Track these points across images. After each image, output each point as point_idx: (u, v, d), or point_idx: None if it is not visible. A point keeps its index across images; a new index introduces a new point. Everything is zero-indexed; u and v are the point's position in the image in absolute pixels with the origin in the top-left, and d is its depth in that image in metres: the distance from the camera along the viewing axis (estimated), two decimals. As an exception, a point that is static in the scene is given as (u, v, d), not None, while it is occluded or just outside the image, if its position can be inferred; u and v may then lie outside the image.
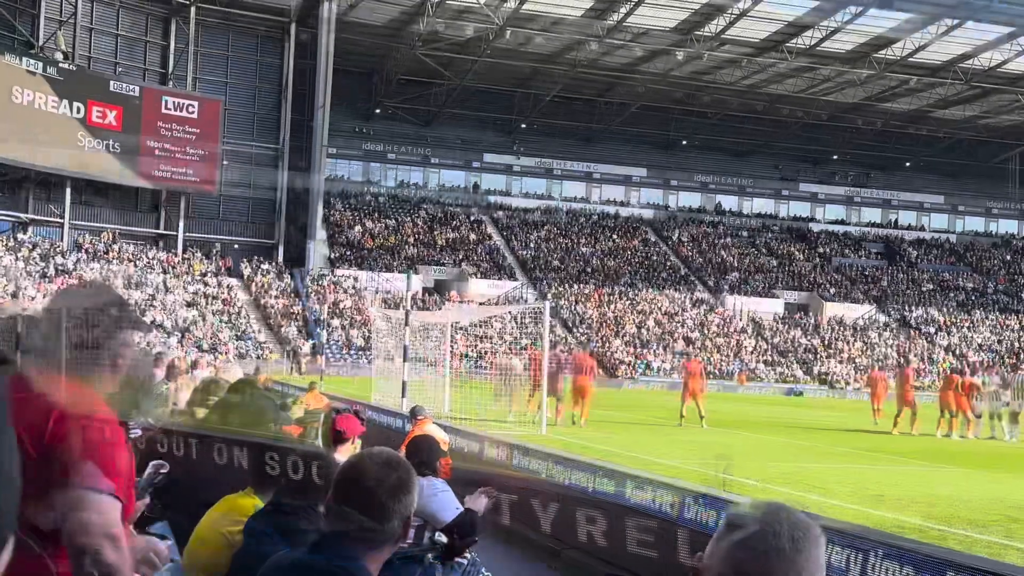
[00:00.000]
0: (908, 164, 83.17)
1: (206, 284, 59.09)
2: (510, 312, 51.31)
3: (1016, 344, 70.43)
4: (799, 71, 66.31)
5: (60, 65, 56.69)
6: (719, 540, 1.81)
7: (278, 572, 2.73)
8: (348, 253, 66.60)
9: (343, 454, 6.11)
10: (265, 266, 62.72)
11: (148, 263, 59.19)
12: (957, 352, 68.28)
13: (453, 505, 5.95)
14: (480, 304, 57.99)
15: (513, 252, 71.54)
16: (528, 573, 8.96)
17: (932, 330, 71.03)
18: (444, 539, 5.48)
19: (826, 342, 67.55)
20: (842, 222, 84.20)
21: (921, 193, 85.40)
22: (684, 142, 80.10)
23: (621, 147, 79.53)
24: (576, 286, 68.22)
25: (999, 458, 19.90)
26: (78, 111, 56.92)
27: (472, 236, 72.03)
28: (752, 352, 64.52)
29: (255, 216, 65.92)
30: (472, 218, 74.27)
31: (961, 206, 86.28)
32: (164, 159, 60.04)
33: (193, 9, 62.09)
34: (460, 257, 68.81)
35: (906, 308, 73.42)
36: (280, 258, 64.46)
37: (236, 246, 64.72)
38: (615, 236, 76.01)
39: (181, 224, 62.60)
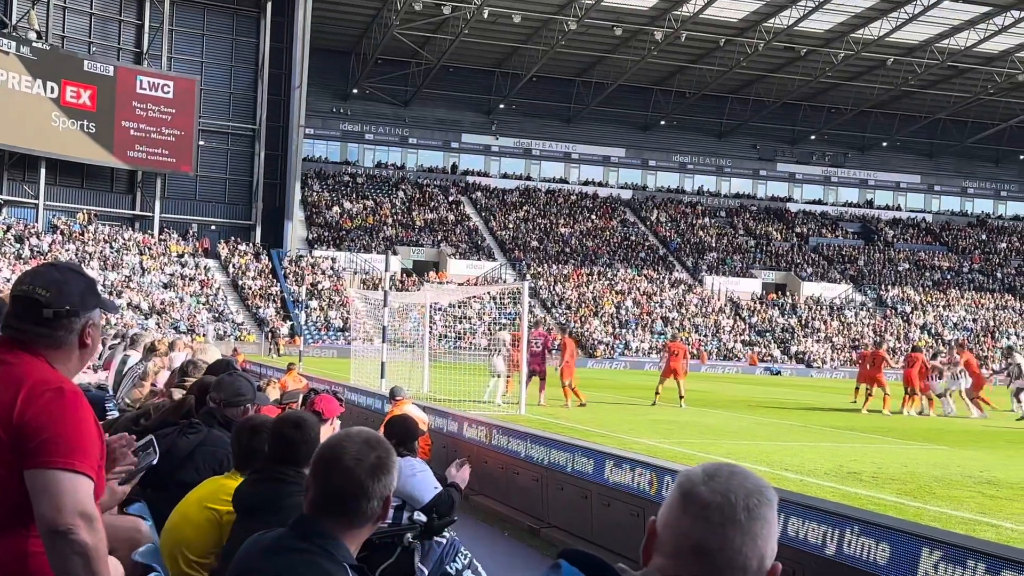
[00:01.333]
0: (885, 144, 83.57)
1: (183, 265, 58.79)
2: (489, 292, 51.37)
3: (991, 323, 71.06)
4: (776, 52, 66.38)
5: (33, 44, 56.07)
6: (673, 511, 1.79)
7: (256, 553, 2.72)
8: (326, 234, 66.39)
9: (322, 435, 6.09)
10: (242, 247, 62.44)
11: (124, 244, 58.80)
12: (932, 331, 68.85)
13: (432, 485, 5.95)
14: (459, 285, 57.98)
15: (492, 232, 71.49)
16: (506, 551, 8.99)
17: (908, 309, 71.55)
18: (423, 519, 5.48)
19: (803, 322, 67.94)
20: (819, 202, 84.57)
21: (897, 173, 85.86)
22: (662, 122, 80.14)
23: (599, 127, 79.49)
24: (555, 266, 68.28)
25: (973, 436, 20.09)
26: (52, 91, 56.36)
27: (451, 216, 71.91)
28: (730, 332, 64.82)
29: (232, 197, 65.55)
30: (451, 198, 74.13)
31: (937, 186, 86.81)
32: (139, 139, 59.57)
33: (168, -13, 61.54)
34: (439, 238, 68.72)
35: (882, 287, 73.91)
36: (257, 239, 64.17)
37: (213, 227, 64.39)
38: (594, 216, 76.07)
39: (157, 205, 62.20)
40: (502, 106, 77.05)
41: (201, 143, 62.77)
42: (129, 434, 3.43)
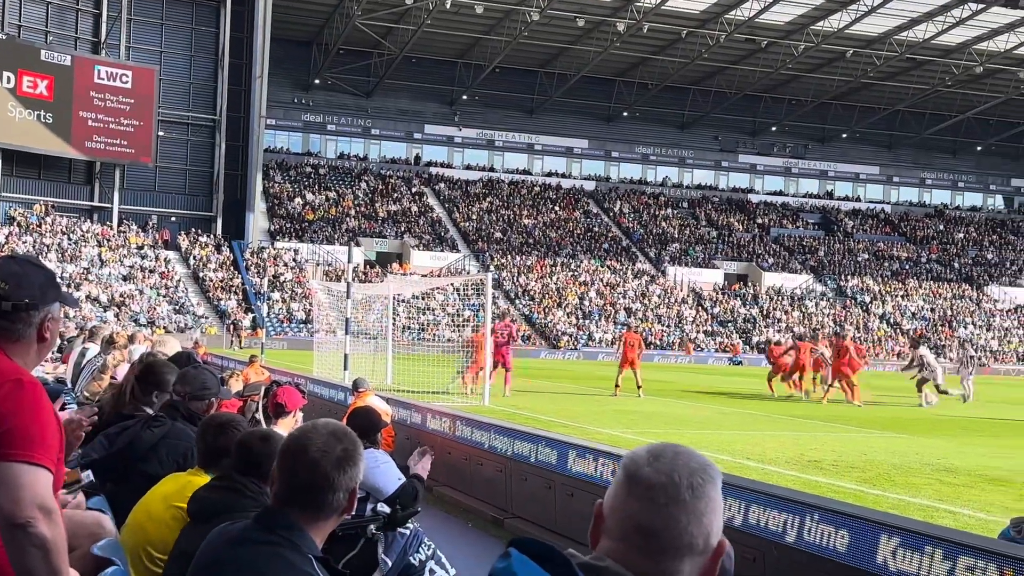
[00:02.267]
0: (844, 136, 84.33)
1: (143, 257, 58.21)
2: (452, 284, 51.33)
3: (948, 312, 72.02)
4: (737, 43, 66.72)
5: (-12, 33, 55.21)
6: (618, 494, 1.80)
7: (221, 544, 2.72)
8: (288, 225, 65.99)
9: (284, 427, 6.08)
10: (203, 239, 61.92)
11: (83, 236, 58.12)
12: (891, 320, 69.69)
13: (395, 476, 5.96)
14: (422, 276, 57.87)
15: (455, 224, 71.40)
16: (470, 542, 9.02)
17: (867, 299, 72.34)
18: (387, 510, 5.48)
19: (765, 312, 68.48)
20: (780, 193, 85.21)
21: (857, 164, 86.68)
22: (625, 114, 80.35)
23: (562, 118, 79.56)
24: (518, 257, 68.33)
25: (931, 424, 20.37)
26: (8, 81, 55.55)
27: (414, 208, 71.73)
28: (693, 322, 65.21)
29: (192, 188, 64.96)
30: (413, 190, 73.92)
31: (896, 177, 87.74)
32: (97, 129, 58.85)
33: (126, -24, 60.77)
34: (402, 229, 68.53)
35: (842, 277, 74.65)
36: (218, 230, 63.66)
37: (173, 218, 63.80)
38: (557, 207, 76.18)
39: (116, 196, 61.51)
40: (465, 97, 76.89)
41: (161, 134, 62.13)
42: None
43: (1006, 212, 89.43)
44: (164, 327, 49.52)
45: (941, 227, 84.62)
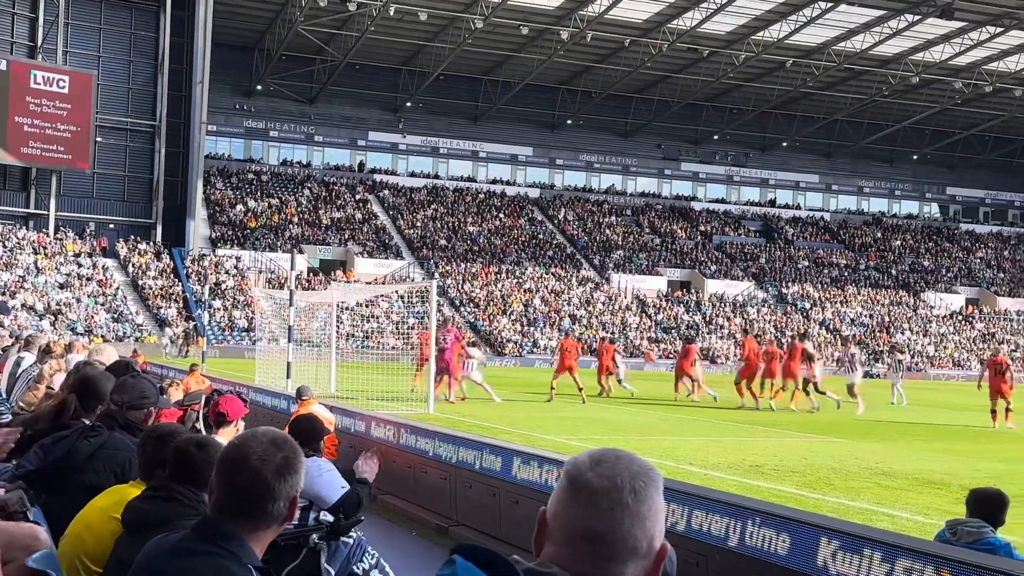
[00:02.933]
0: (785, 144, 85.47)
1: (80, 265, 57.21)
2: (397, 291, 51.11)
3: (886, 318, 73.27)
4: (680, 53, 67.36)
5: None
6: (561, 500, 1.80)
7: (158, 555, 2.67)
8: (230, 232, 65.27)
9: (225, 436, 6.00)
10: (143, 246, 61.03)
11: (18, 243, 56.98)
12: (831, 327, 70.71)
13: (339, 485, 5.91)
14: (367, 283, 57.58)
15: (399, 231, 71.15)
16: (414, 550, 8.97)
17: (808, 305, 73.34)
18: (330, 519, 5.44)
19: (707, 318, 69.12)
20: (722, 201, 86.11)
21: (797, 172, 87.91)
22: (569, 122, 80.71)
23: (507, 126, 79.70)
24: (463, 265, 68.25)
25: (870, 428, 20.69)
26: (-60, 84, 54.34)
27: (358, 215, 71.36)
28: (637, 329, 65.62)
29: (131, 195, 64.01)
30: (358, 197, 73.54)
31: (835, 185, 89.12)
32: (33, 135, 57.77)
33: (63, -21, 59.81)
34: (346, 236, 68.13)
35: (783, 284, 75.62)
36: (158, 238, 62.78)
37: (111, 225, 62.83)
38: (501, 215, 76.25)
39: (53, 203, 60.41)
40: (409, 104, 76.71)
41: (99, 139, 61.16)
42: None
43: (941, 220, 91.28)
44: (102, 336, 48.69)
45: (879, 235, 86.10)
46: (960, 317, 76.14)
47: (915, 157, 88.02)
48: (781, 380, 24.47)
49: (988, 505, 5.83)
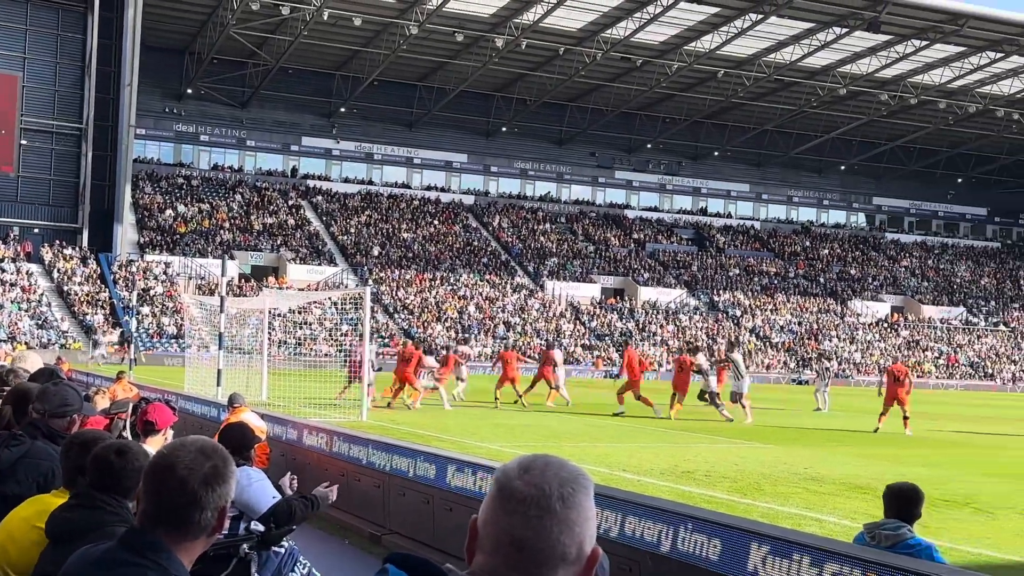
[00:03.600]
0: (716, 154, 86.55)
1: (3, 270, 55.86)
2: (330, 298, 50.73)
3: (814, 325, 74.54)
4: (613, 62, 67.87)
5: None
6: (491, 508, 1.80)
7: (84, 567, 2.61)
8: (159, 238, 64.21)
9: (154, 445, 5.89)
10: (68, 251, 59.77)
11: (-62, 248, 55.50)
12: (761, 334, 71.73)
13: (270, 494, 5.83)
14: (299, 290, 57.02)
15: (333, 237, 70.62)
16: (347, 559, 8.89)
17: (738, 313, 74.31)
18: (260, 528, 5.37)
19: (641, 325, 69.66)
20: (655, 209, 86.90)
21: (728, 182, 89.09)
22: (504, 129, 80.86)
23: (442, 133, 79.59)
24: (397, 271, 67.96)
25: (799, 434, 21.01)
26: None
27: (290, 221, 70.69)
28: (571, 336, 65.89)
29: (57, 199, 62.67)
30: (290, 202, 72.86)
31: (765, 194, 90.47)
32: (-45, 137, 56.33)
33: (-13, -22, 58.44)
34: (278, 242, 67.44)
35: (715, 292, 76.53)
36: (84, 243, 61.54)
37: (36, 230, 61.45)
38: (436, 221, 76.10)
39: (-25, 206, 58.94)
40: (343, 109, 76.22)
41: (23, 142, 59.79)
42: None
43: (868, 229, 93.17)
44: (26, 343, 47.58)
45: (807, 243, 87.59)
46: (885, 325, 77.77)
47: (843, 168, 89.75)
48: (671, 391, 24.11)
49: (903, 500, 5.94)
